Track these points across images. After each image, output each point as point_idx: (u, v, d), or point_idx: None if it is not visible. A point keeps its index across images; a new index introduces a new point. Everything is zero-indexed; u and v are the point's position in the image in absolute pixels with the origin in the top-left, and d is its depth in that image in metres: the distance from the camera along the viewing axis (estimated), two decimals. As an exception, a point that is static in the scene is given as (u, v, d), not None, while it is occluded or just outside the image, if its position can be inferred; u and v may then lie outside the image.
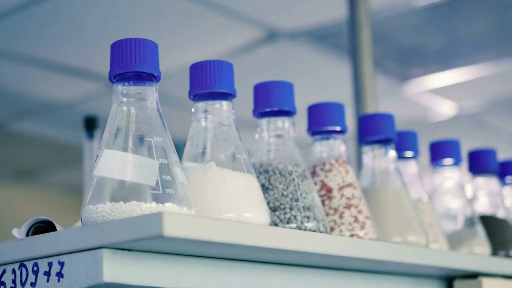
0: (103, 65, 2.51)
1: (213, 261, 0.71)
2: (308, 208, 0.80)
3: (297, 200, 0.80)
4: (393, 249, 0.86)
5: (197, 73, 0.77)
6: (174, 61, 2.50)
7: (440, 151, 1.10)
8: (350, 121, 1.05)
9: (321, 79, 2.67)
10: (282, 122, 0.84)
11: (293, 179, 0.81)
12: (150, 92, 0.72)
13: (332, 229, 0.85)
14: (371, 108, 1.36)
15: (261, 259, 0.77)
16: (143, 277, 0.64)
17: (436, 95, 2.97)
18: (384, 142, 0.96)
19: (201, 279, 0.69)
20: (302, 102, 0.93)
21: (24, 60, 2.54)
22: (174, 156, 0.70)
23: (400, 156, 1.04)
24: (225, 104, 0.78)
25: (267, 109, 0.83)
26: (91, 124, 1.39)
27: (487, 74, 2.76)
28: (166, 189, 0.67)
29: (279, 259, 0.78)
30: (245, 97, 1.02)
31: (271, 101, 0.83)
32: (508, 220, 1.14)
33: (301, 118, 0.90)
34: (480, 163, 1.16)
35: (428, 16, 2.33)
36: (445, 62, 2.68)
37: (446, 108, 3.11)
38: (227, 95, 0.78)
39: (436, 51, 2.59)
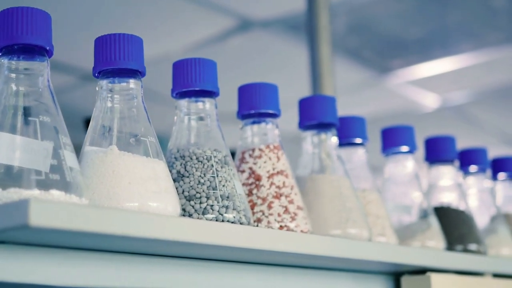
0: (74, 57, 2.43)
1: (112, 255, 0.64)
2: (228, 197, 0.72)
3: (215, 188, 0.72)
4: (327, 242, 0.78)
5: (101, 47, 0.69)
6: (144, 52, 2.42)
7: (393, 138, 1.02)
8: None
9: (295, 68, 2.60)
10: (203, 104, 0.77)
11: (212, 165, 0.73)
12: (41, 68, 0.64)
13: (259, 220, 0.78)
14: (329, 94, 1.29)
15: (173, 254, 0.70)
16: (18, 273, 0.57)
17: (419, 87, 2.89)
18: (325, 126, 0.89)
19: (91, 276, 0.62)
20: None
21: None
22: (64, 138, 0.62)
23: (349, 143, 0.97)
24: (132, 82, 0.70)
25: (187, 89, 0.76)
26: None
27: (470, 64, 2.68)
28: (51, 175, 0.59)
29: (194, 254, 0.71)
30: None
31: (191, 80, 0.75)
32: (467, 212, 1.07)
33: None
34: (437, 151, 1.08)
35: (408, 5, 2.25)
36: (426, 52, 2.61)
37: (429, 101, 3.04)
38: (135, 73, 0.70)
39: (417, 41, 2.52)
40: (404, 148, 1.02)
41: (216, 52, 2.44)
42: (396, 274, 0.93)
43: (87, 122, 0.91)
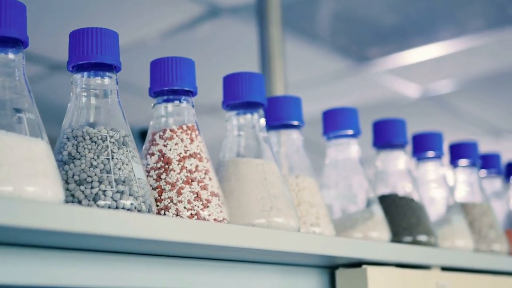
0: (44, 47, 2.36)
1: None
2: (124, 182, 0.65)
3: (109, 171, 0.64)
4: (245, 233, 0.70)
5: (-24, 14, 0.62)
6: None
7: (335, 121, 0.94)
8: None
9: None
10: (101, 79, 0.69)
11: (107, 146, 0.66)
12: None
13: (167, 208, 0.70)
14: (279, 77, 1.21)
15: (66, 246, 0.62)
16: None
17: (398, 77, 2.81)
18: (250, 106, 0.81)
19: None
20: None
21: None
22: None
23: (283, 125, 0.89)
24: (11, 53, 0.63)
25: (83, 62, 0.68)
26: None
27: (451, 52, 2.60)
28: None
29: (86, 245, 0.63)
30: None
31: (89, 51, 0.68)
32: (418, 201, 0.99)
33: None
34: (386, 135, 1.00)
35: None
36: (406, 40, 2.53)
37: (410, 91, 2.96)
38: (15, 43, 0.63)
39: (396, 28, 2.44)
40: (347, 132, 0.94)
41: (185, 39, 2.36)
42: (333, 267, 0.85)
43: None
